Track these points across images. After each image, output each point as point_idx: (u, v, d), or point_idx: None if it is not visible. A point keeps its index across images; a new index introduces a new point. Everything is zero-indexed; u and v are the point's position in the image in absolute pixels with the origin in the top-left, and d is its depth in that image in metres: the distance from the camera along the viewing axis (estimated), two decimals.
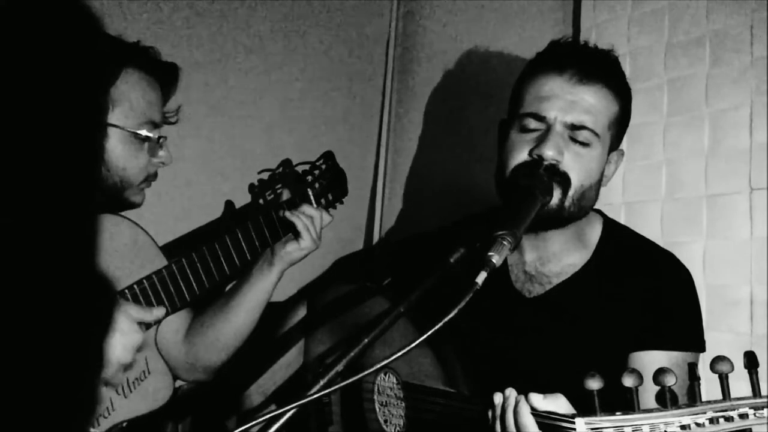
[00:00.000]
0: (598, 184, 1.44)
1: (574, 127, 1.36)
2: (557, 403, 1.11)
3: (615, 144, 1.46)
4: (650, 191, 1.78)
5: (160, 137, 1.51)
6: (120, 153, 1.44)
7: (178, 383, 1.72)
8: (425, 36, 2.47)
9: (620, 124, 1.45)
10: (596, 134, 1.37)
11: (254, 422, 0.90)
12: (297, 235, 1.63)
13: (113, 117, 1.42)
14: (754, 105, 1.62)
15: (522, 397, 1.13)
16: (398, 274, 1.78)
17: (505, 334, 1.45)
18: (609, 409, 0.99)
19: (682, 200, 1.72)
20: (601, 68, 1.41)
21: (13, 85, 1.29)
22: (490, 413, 1.20)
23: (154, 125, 1.49)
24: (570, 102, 1.37)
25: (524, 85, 1.44)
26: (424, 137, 2.43)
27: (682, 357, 1.36)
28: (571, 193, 1.37)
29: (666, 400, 0.95)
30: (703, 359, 1.39)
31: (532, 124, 1.39)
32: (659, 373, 0.96)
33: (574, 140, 1.37)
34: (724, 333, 1.59)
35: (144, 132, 1.46)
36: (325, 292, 1.74)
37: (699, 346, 1.40)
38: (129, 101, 1.44)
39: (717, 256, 1.64)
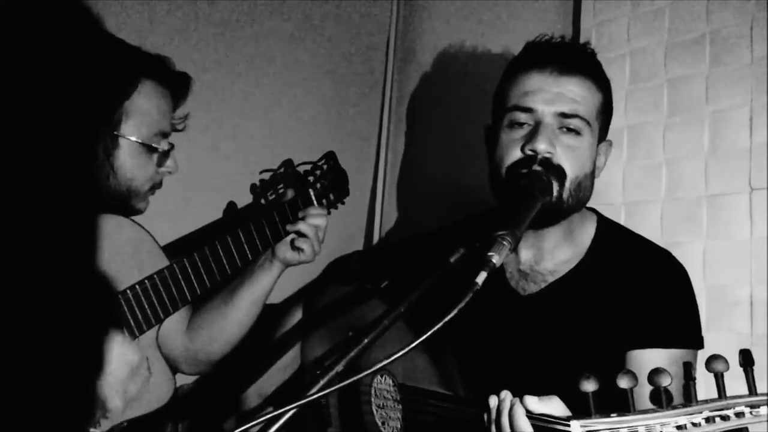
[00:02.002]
0: (592, 175, 1.45)
1: (565, 116, 1.37)
2: (552, 405, 1.10)
3: (602, 135, 1.47)
4: (650, 191, 1.77)
5: (169, 148, 1.51)
6: (130, 164, 1.44)
7: (179, 383, 1.73)
8: (425, 36, 2.46)
9: (605, 114, 1.46)
10: (587, 122, 1.38)
11: (253, 423, 0.90)
12: (299, 250, 1.64)
13: (126, 128, 1.42)
14: (754, 105, 1.62)
15: (517, 400, 1.12)
16: (398, 274, 1.77)
17: (500, 332, 1.45)
18: (604, 410, 0.98)
19: (682, 200, 1.72)
20: (580, 61, 1.42)
21: (19, 90, 1.30)
22: (485, 416, 1.19)
23: (164, 135, 1.50)
24: (556, 93, 1.38)
25: (506, 86, 1.45)
26: (424, 137, 2.43)
27: (680, 354, 1.35)
28: (567, 184, 1.37)
29: (662, 400, 0.95)
30: (701, 359, 1.39)
31: (521, 117, 1.39)
32: (654, 374, 0.95)
33: (564, 131, 1.38)
34: (724, 333, 1.59)
35: (155, 144, 1.47)
36: (322, 294, 1.74)
37: (697, 343, 1.39)
38: (142, 113, 1.44)
39: (717, 256, 1.64)
